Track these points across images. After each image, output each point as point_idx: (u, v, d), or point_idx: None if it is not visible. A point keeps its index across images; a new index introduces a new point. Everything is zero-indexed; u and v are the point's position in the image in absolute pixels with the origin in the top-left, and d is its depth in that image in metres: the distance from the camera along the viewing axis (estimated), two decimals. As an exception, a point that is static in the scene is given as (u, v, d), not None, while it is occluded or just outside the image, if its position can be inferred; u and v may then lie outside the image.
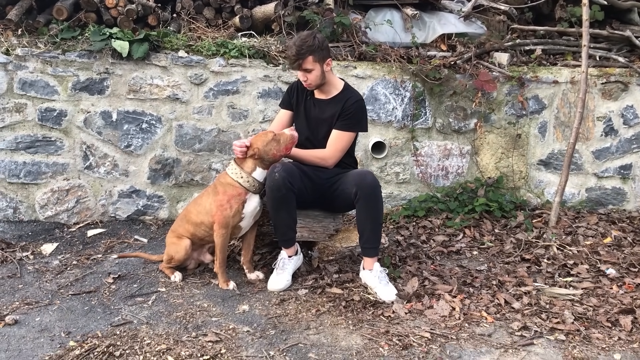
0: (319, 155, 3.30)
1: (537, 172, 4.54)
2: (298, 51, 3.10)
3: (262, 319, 2.89)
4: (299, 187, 3.13)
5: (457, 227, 4.14)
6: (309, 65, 3.14)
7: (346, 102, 3.27)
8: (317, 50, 3.12)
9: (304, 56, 3.11)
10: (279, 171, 3.07)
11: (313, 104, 3.36)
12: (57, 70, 4.01)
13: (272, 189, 3.08)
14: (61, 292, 3.16)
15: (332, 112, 3.29)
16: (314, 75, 3.19)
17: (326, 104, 3.32)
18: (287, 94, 3.48)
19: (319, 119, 3.34)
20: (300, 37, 3.16)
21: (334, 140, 3.30)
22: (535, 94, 4.43)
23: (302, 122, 3.40)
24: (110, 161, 4.17)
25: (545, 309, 3.00)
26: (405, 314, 2.94)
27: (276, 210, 3.15)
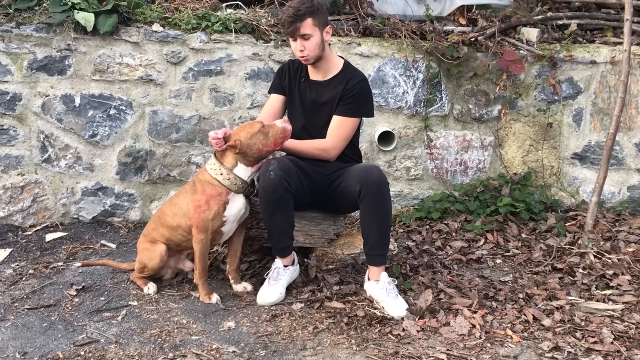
0: (319, 147, 3.31)
1: (571, 168, 4.56)
2: (295, 12, 3.11)
3: (250, 337, 2.90)
4: (297, 187, 3.14)
5: (478, 231, 4.16)
6: (307, 29, 3.15)
7: (348, 82, 3.28)
8: (316, 13, 3.16)
9: (302, 18, 3.12)
10: (275, 169, 3.08)
11: (309, 87, 3.37)
12: (10, 46, 4.01)
13: (266, 190, 3.09)
14: (15, 306, 3.16)
15: (332, 94, 3.31)
16: (312, 43, 3.19)
17: (324, 86, 3.34)
18: (277, 76, 3.48)
19: (317, 103, 3.35)
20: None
21: (335, 128, 3.31)
22: (570, 76, 4.44)
23: (297, 109, 3.41)
24: (73, 153, 4.18)
25: (581, 326, 3.01)
26: (417, 332, 2.95)
27: (271, 214, 3.16)
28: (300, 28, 3.14)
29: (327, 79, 3.34)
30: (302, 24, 3.13)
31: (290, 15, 3.12)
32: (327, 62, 3.31)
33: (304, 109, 3.39)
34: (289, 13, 3.13)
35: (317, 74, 3.35)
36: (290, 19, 3.13)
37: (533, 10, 4.63)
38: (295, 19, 3.12)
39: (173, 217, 3.25)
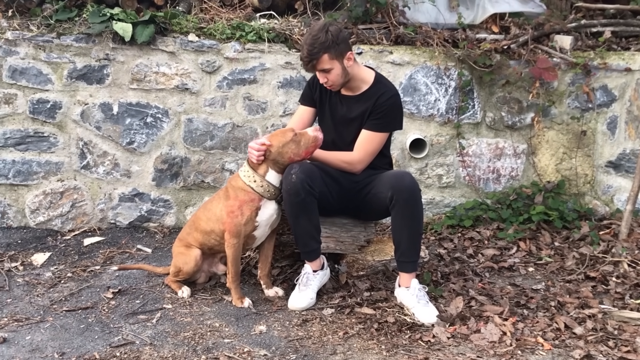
0: (346, 159, 3.32)
1: (605, 176, 4.51)
2: (310, 51, 3.11)
3: (281, 341, 2.94)
4: (321, 191, 3.17)
5: (510, 239, 4.14)
6: (325, 65, 3.15)
7: (378, 98, 3.28)
8: (332, 47, 3.12)
9: (317, 56, 3.11)
10: (297, 173, 3.12)
11: (339, 102, 3.38)
12: (51, 56, 4.14)
13: (289, 193, 3.13)
14: (54, 308, 3.25)
15: (362, 110, 3.31)
16: (334, 75, 3.20)
17: (355, 101, 3.34)
18: (307, 87, 3.49)
19: (346, 118, 3.36)
20: (311, 33, 3.14)
21: (363, 142, 3.32)
22: (604, 84, 4.41)
23: (327, 123, 3.43)
24: (110, 160, 4.28)
25: (613, 335, 2.99)
26: (447, 338, 2.96)
27: (295, 217, 3.20)
28: (318, 65, 3.15)
29: (357, 94, 3.34)
30: (318, 61, 3.13)
31: (306, 55, 3.13)
32: (355, 80, 3.30)
33: (334, 123, 3.41)
34: (304, 53, 3.14)
35: (347, 90, 3.35)
36: (306, 59, 3.14)
37: (567, 18, 4.61)
38: (311, 58, 3.12)
39: (207, 222, 3.31)
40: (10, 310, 3.22)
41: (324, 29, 3.13)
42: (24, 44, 4.12)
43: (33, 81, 4.15)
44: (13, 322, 3.10)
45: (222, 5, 4.53)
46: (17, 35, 4.11)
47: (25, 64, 4.13)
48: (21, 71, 4.13)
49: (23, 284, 3.54)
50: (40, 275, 3.66)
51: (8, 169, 4.20)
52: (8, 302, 3.32)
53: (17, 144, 4.19)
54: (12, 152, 4.20)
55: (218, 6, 4.50)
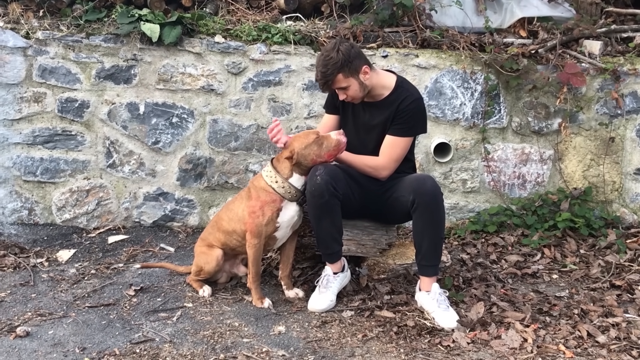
0: (371, 164, 3.31)
1: (633, 184, 4.45)
2: (324, 73, 3.15)
3: (300, 342, 2.95)
4: (345, 193, 3.18)
5: (535, 245, 4.10)
6: (341, 83, 3.18)
7: (401, 103, 3.27)
8: (345, 65, 3.14)
9: (331, 77, 3.15)
10: (321, 174, 3.12)
11: (362, 108, 3.38)
12: (80, 56, 4.21)
13: (313, 195, 3.14)
14: (77, 304, 3.30)
15: (384, 116, 3.31)
16: (352, 91, 3.22)
17: (376, 108, 3.34)
18: (330, 95, 3.48)
19: (369, 125, 3.36)
20: (323, 54, 3.19)
21: (387, 147, 3.32)
22: (634, 90, 4.35)
23: (350, 130, 3.40)
24: (136, 159, 4.34)
25: (637, 344, 2.94)
26: (467, 344, 2.94)
27: (318, 219, 3.21)
28: (334, 85, 3.19)
29: (379, 101, 3.34)
30: (334, 82, 3.17)
31: (320, 77, 3.19)
32: (375, 89, 3.30)
33: (356, 129, 3.41)
34: (318, 75, 3.20)
35: (369, 97, 3.34)
36: (320, 81, 3.20)
37: (596, 23, 4.56)
38: (326, 80, 3.17)
39: (229, 222, 3.34)
40: (34, 305, 3.28)
41: (334, 49, 3.16)
42: (54, 44, 4.19)
43: (62, 80, 4.22)
44: (37, 316, 3.15)
45: (249, 7, 4.56)
46: (47, 35, 4.18)
47: (54, 63, 4.20)
48: (51, 70, 4.20)
49: (47, 279, 3.60)
50: (64, 271, 3.72)
51: (36, 167, 4.28)
52: (32, 297, 3.38)
53: (45, 142, 4.27)
54: (41, 150, 4.28)
55: (245, 8, 4.53)
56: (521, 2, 4.58)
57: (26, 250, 3.97)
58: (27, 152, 4.27)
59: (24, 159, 4.27)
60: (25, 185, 4.30)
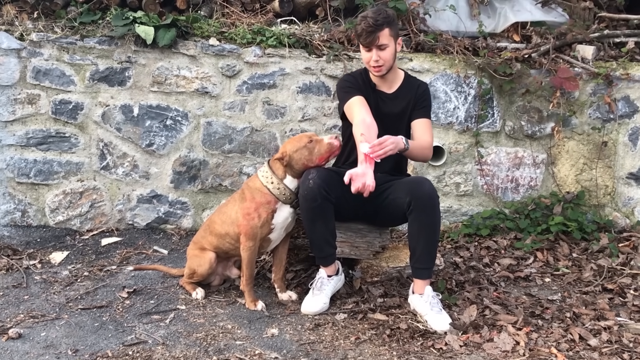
0: (426, 147, 3.36)
1: (626, 188, 4.47)
2: (374, 22, 3.15)
3: (292, 345, 2.95)
4: (338, 196, 3.17)
5: (528, 249, 4.11)
6: (385, 39, 3.20)
7: (418, 88, 3.40)
8: (393, 23, 3.22)
9: (381, 28, 3.16)
10: (314, 178, 3.12)
11: (380, 99, 3.40)
12: (74, 57, 4.20)
13: (305, 198, 3.14)
14: (70, 306, 3.29)
15: (403, 105, 3.38)
16: (388, 54, 3.24)
17: (393, 99, 3.39)
18: (350, 83, 3.38)
19: (392, 114, 3.39)
20: (372, 10, 3.24)
21: (425, 129, 3.38)
22: (626, 95, 4.37)
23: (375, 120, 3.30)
24: (130, 161, 4.33)
25: (629, 347, 2.95)
26: (459, 346, 2.94)
27: (311, 222, 3.21)
28: (379, 38, 3.18)
29: (393, 91, 3.40)
30: (380, 33, 3.17)
31: (370, 24, 3.16)
32: (393, 73, 3.39)
33: (381, 120, 3.31)
34: (368, 23, 3.16)
35: (383, 85, 3.40)
36: (369, 28, 3.16)
37: (589, 28, 4.58)
38: (375, 29, 3.16)
39: (222, 225, 3.33)
40: (27, 306, 3.27)
41: (384, 8, 3.28)
42: (48, 46, 4.19)
43: (56, 82, 4.22)
44: (29, 318, 3.14)
45: (244, 10, 4.57)
46: (41, 36, 4.18)
47: (49, 65, 4.20)
48: (45, 72, 4.20)
49: (40, 281, 3.59)
50: (57, 273, 3.71)
51: (29, 168, 4.27)
52: (25, 298, 3.37)
53: (39, 144, 4.26)
54: (34, 152, 4.27)
55: (239, 11, 4.54)
56: (515, 6, 4.61)
57: (19, 252, 3.96)
58: (20, 154, 4.26)
59: (17, 160, 4.26)
60: (19, 187, 4.29)
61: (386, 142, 3.01)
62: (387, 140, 3.02)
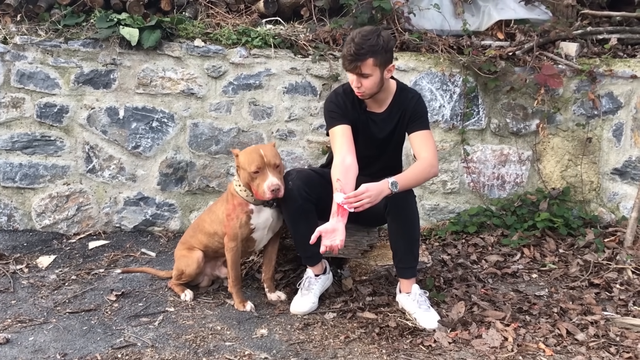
0: (425, 166, 3.11)
1: (611, 183, 4.50)
2: (357, 50, 2.96)
3: (282, 345, 2.95)
4: (320, 197, 3.17)
5: (514, 245, 4.14)
6: (367, 69, 3.00)
7: (410, 101, 3.21)
8: (380, 52, 2.99)
9: (363, 57, 2.97)
10: (293, 179, 3.14)
11: (369, 120, 3.27)
12: (58, 60, 4.18)
13: (286, 200, 3.15)
14: (58, 310, 3.28)
15: (395, 122, 3.24)
16: (370, 82, 3.05)
17: (383, 119, 3.26)
18: (337, 108, 3.22)
19: (377, 138, 3.28)
20: (362, 32, 3.01)
21: (425, 142, 3.18)
22: (610, 91, 4.40)
23: (359, 141, 3.26)
24: (116, 164, 4.31)
25: (615, 341, 2.98)
26: (448, 343, 2.96)
27: (294, 223, 3.22)
28: (361, 68, 3.00)
29: (384, 110, 3.25)
30: (362, 63, 2.98)
31: (352, 54, 2.97)
32: (384, 92, 3.20)
33: (370, 142, 3.30)
34: (350, 51, 2.97)
35: (374, 105, 3.25)
36: (351, 57, 2.98)
37: (572, 25, 4.61)
38: (356, 59, 2.97)
39: (210, 224, 3.35)
40: (14, 311, 3.25)
41: (376, 32, 3.01)
42: (32, 49, 4.16)
43: (40, 85, 4.19)
44: (16, 323, 3.12)
45: (229, 11, 4.56)
46: (25, 40, 4.15)
47: (33, 68, 4.17)
48: (29, 75, 4.17)
49: (27, 286, 3.57)
50: (44, 277, 3.69)
51: (15, 172, 4.24)
52: (12, 303, 3.35)
53: (24, 148, 4.23)
54: (19, 156, 4.24)
55: (224, 12, 4.53)
56: (498, 5, 4.63)
57: (5, 256, 3.93)
58: (5, 158, 4.23)
59: (2, 164, 4.23)
60: (4, 191, 4.27)
61: (363, 195, 2.90)
62: (365, 192, 2.90)
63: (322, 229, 2.92)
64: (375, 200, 2.94)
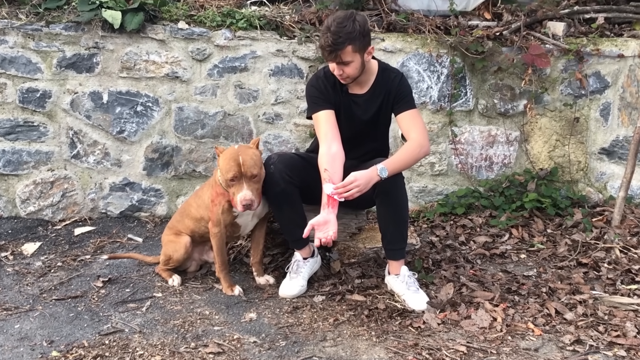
0: (415, 147, 3.09)
1: (598, 163, 4.52)
2: (335, 40, 2.91)
3: (271, 328, 2.94)
4: (303, 180, 3.15)
5: (503, 226, 4.14)
6: (347, 57, 2.97)
7: (392, 81, 3.18)
8: (357, 38, 2.95)
9: (342, 46, 2.93)
10: (275, 163, 3.12)
11: (352, 102, 3.25)
12: (40, 45, 4.12)
13: (268, 185, 3.13)
14: (44, 297, 3.25)
15: (379, 103, 3.22)
16: (351, 68, 3.03)
17: (365, 100, 3.23)
18: (319, 92, 3.21)
19: (361, 120, 3.25)
20: (336, 20, 2.95)
21: (413, 122, 3.16)
22: (597, 70, 4.40)
23: (346, 124, 3.24)
24: (101, 149, 4.27)
25: (604, 320, 2.99)
26: (437, 324, 2.97)
27: (278, 207, 3.21)
28: (341, 56, 2.96)
29: (366, 91, 3.22)
30: (342, 52, 2.95)
31: (329, 44, 2.93)
32: (365, 75, 3.17)
33: (354, 124, 3.27)
34: (327, 41, 2.93)
35: (355, 87, 3.22)
36: (329, 48, 2.94)
37: (559, 4, 4.59)
38: (335, 48, 2.93)
39: (197, 209, 3.33)
40: (0, 299, 3.22)
41: (350, 18, 2.95)
42: (13, 33, 4.10)
43: (22, 70, 4.13)
44: (2, 311, 3.10)
45: (213, -7, 4.51)
46: (5, 24, 4.08)
47: (14, 52, 4.11)
48: (10, 60, 4.11)
49: (13, 273, 3.54)
50: (30, 264, 3.66)
51: (-2, 159, 4.20)
52: (-3, 291, 3.32)
53: (7, 134, 4.18)
54: (2, 142, 4.19)
55: (208, -6, 4.48)
56: (485, -16, 4.61)
57: (-10, 244, 3.90)
58: (-12, 144, 4.19)
59: (-15, 151, 4.19)
60: (-13, 178, 4.23)
61: (352, 185, 2.90)
62: (353, 182, 2.90)
63: (314, 222, 2.92)
64: (365, 188, 2.94)
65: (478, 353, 2.74)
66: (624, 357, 2.71)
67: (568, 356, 2.72)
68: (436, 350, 2.74)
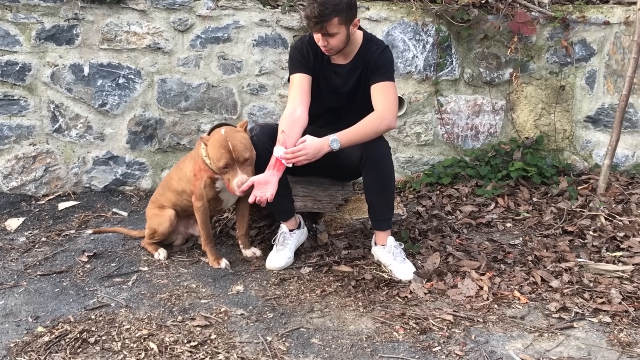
0: (375, 119, 3.03)
1: (584, 131, 4.52)
2: (322, 11, 2.88)
3: (258, 300, 2.94)
4: None
5: (489, 195, 4.15)
6: (333, 29, 2.95)
7: (373, 54, 3.14)
8: (344, 10, 2.93)
9: (328, 18, 2.90)
10: (257, 134, 3.10)
11: (333, 72, 3.22)
12: (18, 16, 4.03)
13: None
14: (28, 273, 3.23)
15: (358, 74, 3.19)
16: (337, 40, 3.01)
17: (347, 71, 3.20)
18: (299, 55, 3.19)
19: (341, 91, 3.23)
20: None
21: (382, 94, 3.10)
22: (582, 38, 4.38)
23: (322, 93, 3.25)
24: (83, 123, 4.22)
25: (589, 287, 3.02)
26: (424, 294, 2.98)
27: None
28: (327, 28, 2.94)
29: (348, 62, 3.19)
30: (328, 24, 2.92)
31: (316, 15, 2.89)
32: (349, 46, 3.13)
33: (329, 94, 3.25)
34: (314, 12, 2.89)
35: (339, 57, 3.19)
36: (315, 19, 2.91)
37: (545, -29, 4.55)
38: (321, 20, 2.90)
39: (178, 181, 3.30)
40: (-17, 275, 3.20)
41: None
42: (-11, 4, 4.01)
43: (0, 43, 4.05)
44: (-14, 287, 3.07)
45: (194, -38, 4.42)
46: (-19, -5, 4.00)
47: (-9, 25, 4.03)
48: (-13, 32, 4.04)
49: (-4, 249, 3.52)
50: (14, 240, 3.63)
51: (-22, 134, 4.13)
52: (-19, 267, 3.29)
53: (-13, 108, 4.12)
54: (-18, 116, 4.13)
55: (189, -37, 4.39)
56: (471, -49, 4.55)
57: (-28, 220, 3.86)
58: (-33, 119, 4.12)
59: (-36, 126, 4.12)
60: (-32, 154, 4.17)
61: (300, 152, 2.90)
62: (302, 149, 2.90)
63: (255, 179, 2.93)
64: (314, 157, 2.93)
65: (465, 322, 2.75)
66: (608, 324, 2.73)
67: (554, 323, 2.74)
68: (423, 320, 2.75)
